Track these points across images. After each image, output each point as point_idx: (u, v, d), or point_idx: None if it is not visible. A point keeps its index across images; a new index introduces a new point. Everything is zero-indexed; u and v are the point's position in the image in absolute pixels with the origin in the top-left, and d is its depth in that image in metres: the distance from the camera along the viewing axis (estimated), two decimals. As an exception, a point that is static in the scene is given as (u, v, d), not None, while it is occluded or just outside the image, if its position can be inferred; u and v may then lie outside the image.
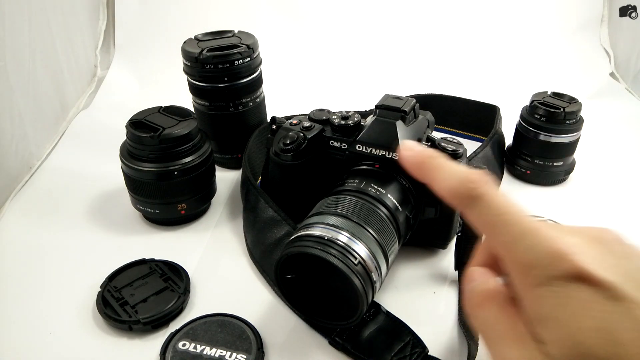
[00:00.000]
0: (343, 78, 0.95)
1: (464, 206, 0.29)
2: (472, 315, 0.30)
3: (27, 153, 0.68)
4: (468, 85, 0.84)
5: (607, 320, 0.23)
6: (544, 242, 0.25)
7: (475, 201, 0.28)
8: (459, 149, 0.46)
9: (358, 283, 0.37)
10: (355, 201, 0.42)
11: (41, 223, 0.58)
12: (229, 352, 0.40)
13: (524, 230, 0.26)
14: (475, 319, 0.29)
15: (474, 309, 0.29)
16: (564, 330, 0.24)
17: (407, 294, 0.47)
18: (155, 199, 0.53)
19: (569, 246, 0.25)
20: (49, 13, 0.77)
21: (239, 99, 0.62)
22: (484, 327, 0.29)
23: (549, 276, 0.25)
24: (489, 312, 0.28)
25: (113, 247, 0.54)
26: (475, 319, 0.29)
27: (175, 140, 0.52)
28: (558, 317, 0.24)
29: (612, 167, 0.69)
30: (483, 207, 0.28)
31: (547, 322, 0.25)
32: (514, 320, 0.27)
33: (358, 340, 0.41)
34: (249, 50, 0.60)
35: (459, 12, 1.02)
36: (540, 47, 0.99)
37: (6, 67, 0.64)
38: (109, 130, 0.68)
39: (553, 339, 0.24)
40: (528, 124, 0.63)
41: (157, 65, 0.93)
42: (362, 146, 0.47)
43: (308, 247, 0.38)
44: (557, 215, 0.54)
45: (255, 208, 0.53)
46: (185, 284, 0.47)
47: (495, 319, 0.28)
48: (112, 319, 0.43)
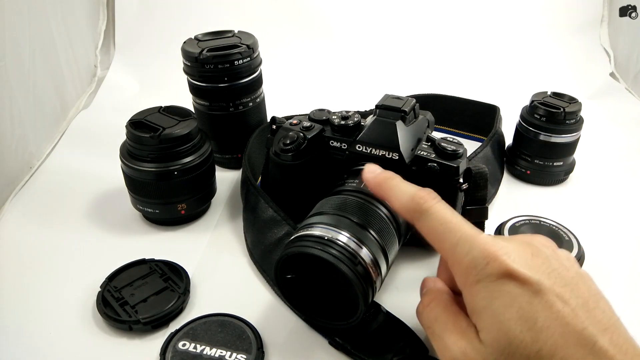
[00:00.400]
0: (343, 78, 0.95)
1: (415, 219, 0.34)
2: (422, 315, 0.35)
3: (27, 153, 0.68)
4: (468, 85, 0.84)
5: (529, 310, 0.28)
6: (480, 247, 0.30)
7: (423, 214, 0.33)
8: (459, 149, 0.46)
9: (358, 283, 0.37)
10: (355, 201, 0.42)
11: (41, 223, 0.58)
12: (229, 352, 0.40)
13: (463, 236, 0.31)
14: (424, 318, 0.35)
15: (424, 308, 0.35)
16: (495, 319, 0.29)
17: (407, 294, 0.47)
18: (155, 199, 0.53)
19: (500, 249, 0.30)
20: (49, 13, 0.77)
21: (239, 99, 0.62)
22: (430, 323, 0.34)
23: (483, 275, 0.29)
24: (435, 310, 0.34)
25: (113, 247, 0.54)
26: (424, 318, 0.35)
27: (175, 140, 0.52)
28: (490, 309, 0.29)
29: (612, 167, 0.69)
30: (429, 219, 0.33)
31: (481, 313, 0.30)
32: (456, 317, 0.32)
33: (358, 340, 0.41)
34: (249, 50, 0.60)
35: (459, 12, 1.02)
36: (541, 47, 0.99)
37: (6, 67, 0.64)
38: (109, 130, 0.68)
39: (486, 327, 0.29)
40: (528, 124, 0.63)
41: (157, 65, 0.93)
42: (362, 146, 0.47)
43: (308, 247, 0.38)
44: (557, 215, 0.54)
45: (255, 208, 0.53)
46: (185, 284, 0.47)
47: (440, 316, 0.33)
48: (112, 319, 0.43)
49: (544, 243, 0.32)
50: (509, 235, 0.51)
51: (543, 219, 0.53)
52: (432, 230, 0.33)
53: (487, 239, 0.31)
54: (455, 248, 0.31)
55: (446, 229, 0.32)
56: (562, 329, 0.27)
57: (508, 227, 0.52)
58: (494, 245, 0.30)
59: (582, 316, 0.28)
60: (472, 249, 0.30)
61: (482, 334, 0.30)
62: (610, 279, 0.49)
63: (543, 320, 0.27)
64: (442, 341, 0.32)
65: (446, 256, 0.33)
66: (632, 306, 0.46)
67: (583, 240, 0.50)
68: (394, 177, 0.37)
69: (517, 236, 0.33)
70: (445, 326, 0.33)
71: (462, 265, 0.31)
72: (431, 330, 0.34)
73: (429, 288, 0.38)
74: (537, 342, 0.27)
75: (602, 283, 0.33)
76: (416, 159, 0.46)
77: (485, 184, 0.47)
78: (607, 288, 0.32)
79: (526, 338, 0.27)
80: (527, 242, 0.32)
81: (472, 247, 0.30)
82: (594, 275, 0.32)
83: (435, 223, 0.33)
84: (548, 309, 0.28)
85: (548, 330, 0.27)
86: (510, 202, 0.61)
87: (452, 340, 0.31)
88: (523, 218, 0.53)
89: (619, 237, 0.55)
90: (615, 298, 0.32)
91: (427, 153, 0.46)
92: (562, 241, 0.49)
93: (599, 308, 0.29)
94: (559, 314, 0.28)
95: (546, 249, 0.31)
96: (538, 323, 0.27)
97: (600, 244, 0.53)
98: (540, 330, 0.27)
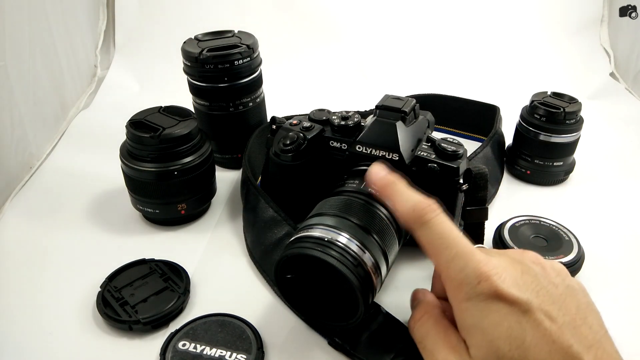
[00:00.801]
0: (343, 78, 0.95)
1: (414, 229, 0.34)
2: (414, 329, 0.36)
3: (27, 153, 0.68)
4: (468, 85, 0.84)
5: (518, 329, 0.29)
6: (473, 265, 0.31)
7: (423, 225, 0.33)
8: (459, 149, 0.46)
9: (358, 285, 0.37)
10: (355, 202, 0.42)
11: (41, 223, 0.58)
12: (229, 352, 0.40)
13: (459, 253, 0.32)
14: (415, 333, 0.36)
15: (415, 323, 0.36)
16: (484, 337, 0.30)
17: (407, 294, 0.47)
18: (155, 199, 0.53)
19: (492, 268, 0.31)
20: (49, 13, 0.77)
21: (239, 99, 0.62)
22: (421, 338, 0.35)
23: (474, 293, 0.30)
24: (426, 325, 0.35)
25: (113, 247, 0.54)
26: (415, 333, 0.36)
27: (175, 140, 0.52)
28: (480, 327, 0.30)
29: (612, 167, 0.69)
30: (428, 231, 0.33)
31: (470, 330, 0.31)
32: (446, 332, 0.33)
33: (357, 341, 0.41)
34: (249, 50, 0.60)
35: (459, 12, 1.02)
36: (540, 47, 0.99)
37: (6, 67, 0.64)
38: (109, 130, 0.68)
39: (476, 344, 0.30)
40: (528, 124, 0.63)
41: (157, 65, 0.93)
42: (362, 147, 0.47)
43: (308, 249, 0.38)
44: (557, 215, 0.54)
45: (256, 208, 0.53)
46: (185, 284, 0.47)
47: (431, 331, 0.34)
48: (112, 319, 0.43)
49: (534, 260, 0.33)
50: (509, 236, 0.51)
51: (543, 219, 0.53)
52: (429, 243, 0.33)
53: (480, 257, 0.31)
54: (450, 264, 0.32)
55: (443, 244, 0.33)
56: (549, 347, 0.28)
57: (508, 227, 0.52)
58: (486, 265, 0.31)
59: (567, 334, 0.29)
60: (466, 267, 0.31)
61: (472, 350, 0.31)
62: (610, 279, 0.49)
63: (530, 338, 0.29)
64: (433, 356, 0.33)
65: (440, 270, 0.33)
66: (632, 306, 0.46)
67: (583, 240, 0.50)
68: (398, 182, 0.37)
69: (508, 252, 0.34)
70: (436, 342, 0.33)
71: (454, 281, 0.32)
72: (422, 345, 0.35)
73: (419, 301, 0.38)
74: (525, 358, 0.28)
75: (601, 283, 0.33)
76: (416, 160, 0.46)
77: (485, 185, 0.47)
78: (606, 288, 0.32)
79: (514, 356, 0.28)
80: (517, 260, 0.33)
81: (466, 264, 0.31)
82: (594, 276, 0.32)
83: (434, 236, 0.33)
84: (536, 327, 0.29)
85: (535, 348, 0.28)
86: (510, 202, 0.61)
87: (443, 356, 0.32)
88: (523, 218, 0.53)
89: (619, 237, 0.55)
90: (615, 298, 0.32)
91: (427, 154, 0.46)
92: (562, 241, 0.50)
93: (586, 324, 0.30)
94: (545, 332, 0.29)
95: (536, 266, 0.32)
96: (526, 342, 0.28)
97: (600, 244, 0.53)
98: (527, 348, 0.28)
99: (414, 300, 0.40)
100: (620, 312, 0.31)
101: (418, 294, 0.40)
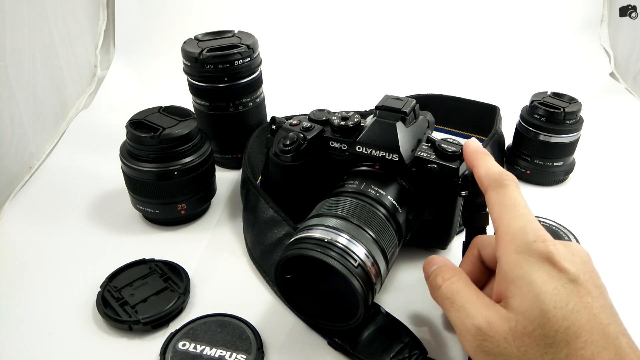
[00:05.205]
0: (343, 78, 0.95)
1: (492, 188, 0.37)
2: (442, 287, 0.37)
3: (27, 153, 0.68)
4: (468, 85, 0.84)
5: (563, 292, 0.30)
6: (534, 226, 0.34)
7: (500, 186, 0.37)
8: (459, 150, 0.46)
9: (358, 285, 0.37)
10: (355, 203, 0.42)
11: (41, 223, 0.58)
12: (229, 352, 0.40)
13: (524, 214, 0.35)
14: (445, 290, 0.36)
15: (445, 282, 0.37)
16: (531, 289, 0.31)
17: (407, 294, 0.47)
18: (155, 199, 0.53)
19: (550, 239, 0.33)
20: (49, 13, 0.77)
21: (239, 99, 0.62)
22: (452, 294, 0.36)
23: (529, 249, 0.32)
24: (457, 284, 0.36)
25: (113, 247, 0.54)
26: (445, 290, 0.36)
27: (175, 140, 0.52)
28: (528, 279, 0.31)
29: (612, 167, 0.69)
30: (504, 191, 0.37)
31: (516, 280, 0.32)
32: (479, 293, 0.35)
33: (357, 341, 0.41)
34: (249, 50, 0.60)
35: (459, 12, 1.02)
36: (540, 47, 0.99)
37: (6, 67, 0.64)
38: (109, 130, 0.68)
39: (521, 295, 0.31)
40: (528, 124, 0.63)
41: (157, 65, 0.93)
42: (362, 147, 0.47)
43: (308, 250, 0.38)
44: (557, 215, 0.54)
45: (256, 208, 0.53)
46: (185, 284, 0.47)
47: (463, 287, 0.36)
48: (112, 319, 0.43)
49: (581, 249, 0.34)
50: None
51: (543, 219, 0.53)
52: (500, 202, 0.36)
53: (541, 228, 0.34)
54: (512, 220, 0.35)
55: (513, 204, 0.36)
56: (590, 318, 0.30)
57: (508, 228, 0.52)
58: (546, 234, 0.33)
59: (606, 314, 0.30)
60: (527, 226, 0.34)
61: (515, 301, 0.32)
62: (609, 279, 0.48)
63: (573, 305, 0.30)
64: (465, 311, 0.34)
65: (500, 225, 0.35)
66: (632, 306, 0.46)
67: (583, 240, 0.50)
68: (490, 155, 0.41)
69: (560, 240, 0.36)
70: (469, 298, 0.34)
71: (511, 235, 0.34)
72: (451, 301, 0.35)
73: (442, 265, 0.39)
74: (567, 320, 0.30)
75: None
76: (416, 160, 0.46)
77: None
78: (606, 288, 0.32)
79: (558, 314, 0.30)
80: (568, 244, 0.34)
81: (527, 224, 0.34)
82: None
83: (507, 197, 0.36)
84: (579, 297, 0.30)
85: (578, 314, 0.30)
86: (510, 203, 0.61)
87: (477, 310, 0.33)
88: (523, 218, 0.53)
89: (618, 237, 0.55)
90: (615, 298, 0.32)
91: (427, 154, 0.46)
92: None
93: (618, 316, 0.31)
94: (587, 304, 0.30)
95: (585, 255, 0.34)
96: (569, 305, 0.30)
97: (600, 244, 0.53)
98: (570, 311, 0.30)
99: (432, 265, 0.39)
100: (619, 312, 0.31)
101: (437, 259, 0.40)
